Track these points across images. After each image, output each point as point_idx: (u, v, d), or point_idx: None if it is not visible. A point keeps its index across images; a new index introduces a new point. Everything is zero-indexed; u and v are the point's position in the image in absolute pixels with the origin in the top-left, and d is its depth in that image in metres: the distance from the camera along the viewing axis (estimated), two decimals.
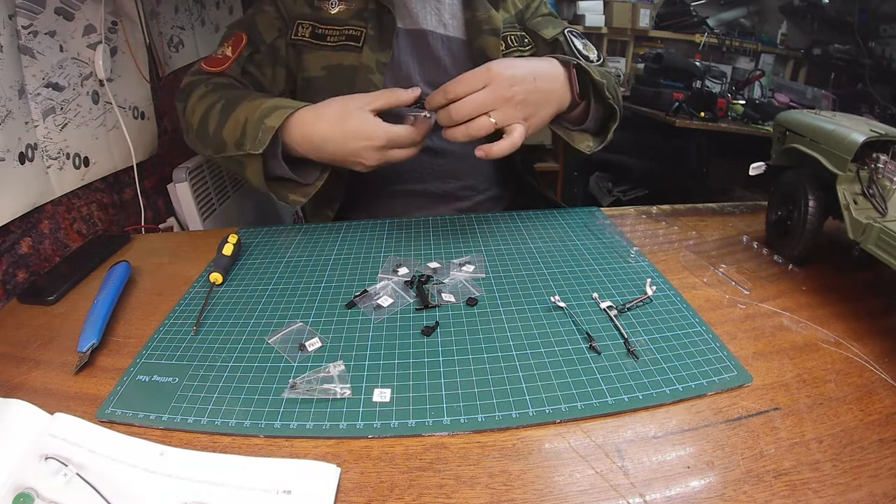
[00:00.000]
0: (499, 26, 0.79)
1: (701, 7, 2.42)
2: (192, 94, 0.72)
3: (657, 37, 2.46)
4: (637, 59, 2.50)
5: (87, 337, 0.49)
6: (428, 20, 0.79)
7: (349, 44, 0.76)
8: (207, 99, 0.69)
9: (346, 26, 0.76)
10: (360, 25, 0.76)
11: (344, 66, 0.76)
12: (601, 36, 2.45)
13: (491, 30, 0.79)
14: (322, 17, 0.77)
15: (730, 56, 2.42)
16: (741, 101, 2.14)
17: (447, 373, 0.44)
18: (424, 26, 0.79)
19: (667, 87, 2.11)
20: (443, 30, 0.80)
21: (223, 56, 0.75)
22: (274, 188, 0.67)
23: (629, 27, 2.42)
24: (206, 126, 0.68)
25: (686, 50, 2.41)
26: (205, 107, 0.69)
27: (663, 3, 2.44)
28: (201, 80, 0.74)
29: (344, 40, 0.76)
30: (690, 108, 2.00)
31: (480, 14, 0.79)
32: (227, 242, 0.64)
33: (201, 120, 0.69)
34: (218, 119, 0.66)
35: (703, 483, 0.35)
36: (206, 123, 0.68)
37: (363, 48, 0.75)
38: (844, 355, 0.46)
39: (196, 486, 0.35)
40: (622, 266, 0.60)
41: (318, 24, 0.76)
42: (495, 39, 0.79)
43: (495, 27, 0.79)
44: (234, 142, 0.64)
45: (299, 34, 0.77)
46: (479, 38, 0.79)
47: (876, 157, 0.54)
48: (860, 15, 1.96)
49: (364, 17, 0.76)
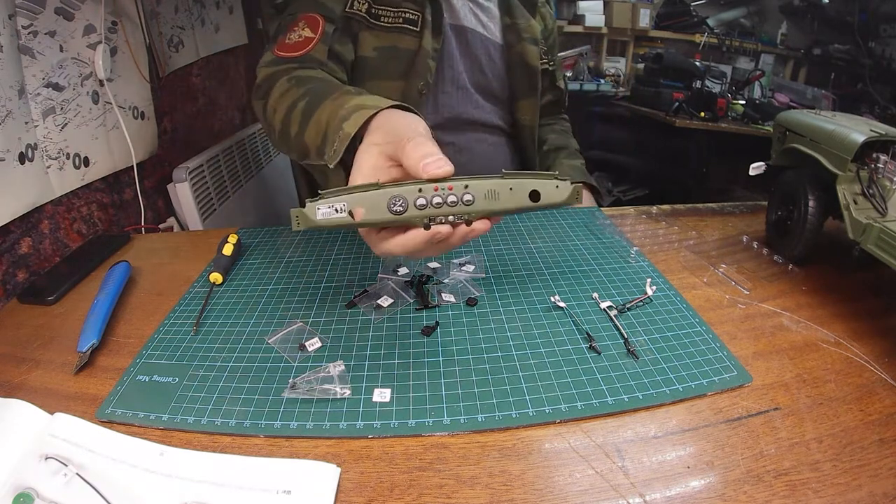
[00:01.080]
0: (538, 36, 0.82)
1: (701, 7, 2.42)
2: (273, 90, 0.62)
3: (657, 37, 2.46)
4: (637, 59, 2.49)
5: (87, 337, 0.49)
6: (468, 19, 0.80)
7: (407, 27, 0.73)
8: (290, 95, 0.59)
9: (401, 8, 0.73)
10: (416, 10, 0.74)
11: (399, 49, 0.74)
12: (601, 36, 2.45)
13: (531, 38, 0.81)
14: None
15: (730, 56, 2.42)
16: (741, 101, 2.14)
17: (447, 373, 0.44)
18: (466, 24, 0.80)
19: (667, 87, 2.11)
20: (483, 31, 0.81)
21: (302, 39, 0.67)
22: None
23: (629, 27, 2.42)
24: (289, 129, 0.57)
25: (686, 50, 2.41)
26: (287, 105, 0.58)
27: (663, 3, 2.43)
28: (281, 71, 0.64)
29: (401, 22, 0.73)
30: (690, 108, 2.00)
31: (521, 22, 0.81)
32: (227, 242, 0.64)
33: (283, 121, 0.58)
34: (300, 120, 0.56)
35: (703, 483, 0.35)
36: (289, 125, 0.57)
37: (423, 32, 0.73)
38: (844, 355, 0.46)
39: (196, 486, 0.35)
40: (622, 266, 0.60)
41: (374, 3, 0.73)
42: (535, 48, 0.81)
43: (535, 36, 0.82)
44: (315, 149, 0.53)
45: (355, 8, 0.72)
46: (519, 44, 0.81)
47: (876, 157, 0.54)
48: (860, 15, 1.96)
49: (418, 2, 0.74)
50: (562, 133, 0.98)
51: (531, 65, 0.82)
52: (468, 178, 0.40)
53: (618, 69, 2.49)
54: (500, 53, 0.82)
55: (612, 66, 2.50)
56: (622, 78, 2.47)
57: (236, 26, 1.40)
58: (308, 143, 0.54)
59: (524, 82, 0.83)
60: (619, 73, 2.48)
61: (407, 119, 0.45)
